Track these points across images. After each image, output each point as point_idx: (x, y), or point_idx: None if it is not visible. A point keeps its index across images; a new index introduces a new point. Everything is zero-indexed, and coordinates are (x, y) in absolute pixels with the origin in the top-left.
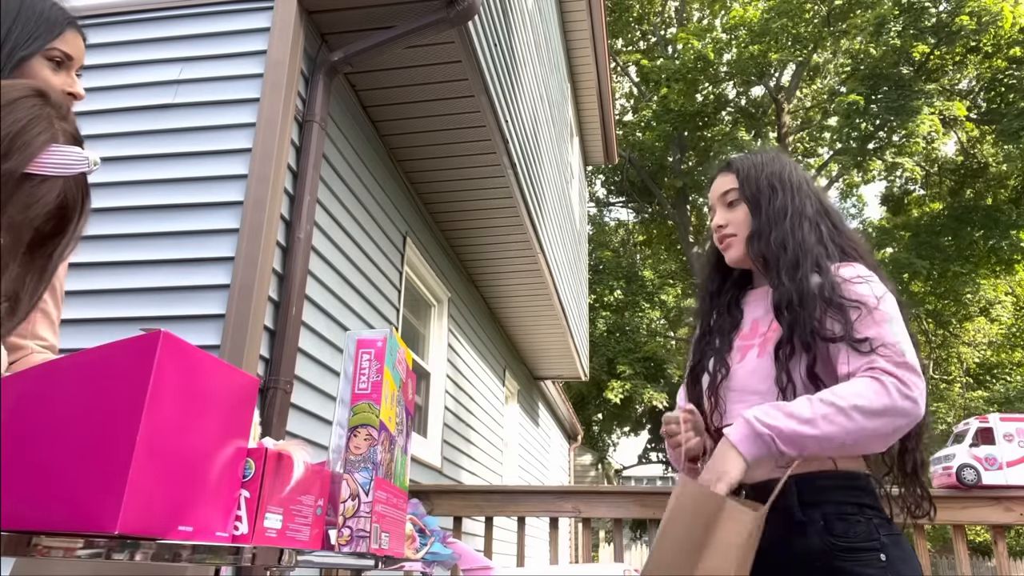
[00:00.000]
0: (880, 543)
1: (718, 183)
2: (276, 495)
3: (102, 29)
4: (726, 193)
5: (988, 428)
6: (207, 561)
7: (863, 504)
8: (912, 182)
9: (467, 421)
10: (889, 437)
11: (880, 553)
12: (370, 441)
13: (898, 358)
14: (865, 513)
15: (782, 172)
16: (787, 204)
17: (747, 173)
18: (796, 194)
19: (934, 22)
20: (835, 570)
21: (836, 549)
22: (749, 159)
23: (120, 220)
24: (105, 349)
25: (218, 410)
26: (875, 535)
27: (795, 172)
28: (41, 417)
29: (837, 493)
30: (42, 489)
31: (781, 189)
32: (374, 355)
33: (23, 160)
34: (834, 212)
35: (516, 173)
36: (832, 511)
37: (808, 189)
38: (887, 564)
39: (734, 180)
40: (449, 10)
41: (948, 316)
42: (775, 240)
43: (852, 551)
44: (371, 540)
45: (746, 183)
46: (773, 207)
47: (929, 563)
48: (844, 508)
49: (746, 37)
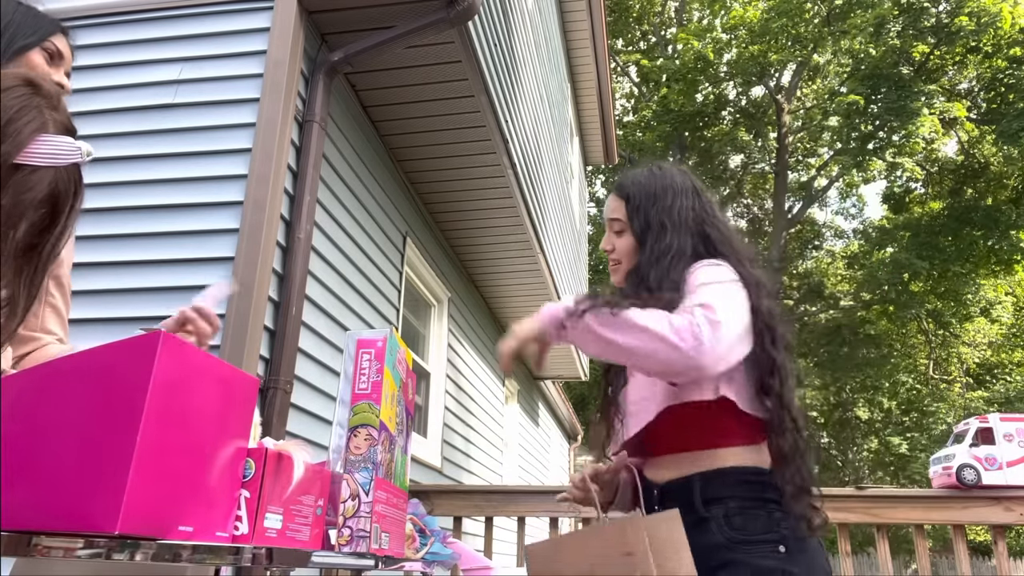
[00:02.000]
0: (780, 535)
1: (609, 206)
2: (276, 495)
3: (102, 29)
4: (614, 219)
5: (988, 428)
6: (207, 561)
7: (765, 499)
8: (913, 181)
9: (467, 421)
10: (661, 362)
11: (779, 545)
12: (370, 441)
13: (709, 312)
14: (767, 507)
15: (671, 207)
16: (672, 244)
17: (637, 203)
18: (681, 232)
19: (933, 22)
20: (734, 562)
21: (734, 542)
22: (642, 186)
23: (120, 220)
24: (105, 349)
25: (218, 410)
26: (775, 528)
27: (682, 202)
28: (41, 417)
29: (740, 488)
30: (42, 489)
31: (670, 229)
32: (374, 355)
33: (12, 149)
34: (715, 237)
35: (516, 173)
36: (734, 506)
37: (690, 224)
38: (786, 555)
39: (623, 209)
40: (449, 10)
41: (948, 316)
42: (653, 280)
43: (750, 543)
44: (371, 540)
45: (635, 216)
46: (660, 246)
47: (929, 563)
48: (745, 503)
49: (746, 37)
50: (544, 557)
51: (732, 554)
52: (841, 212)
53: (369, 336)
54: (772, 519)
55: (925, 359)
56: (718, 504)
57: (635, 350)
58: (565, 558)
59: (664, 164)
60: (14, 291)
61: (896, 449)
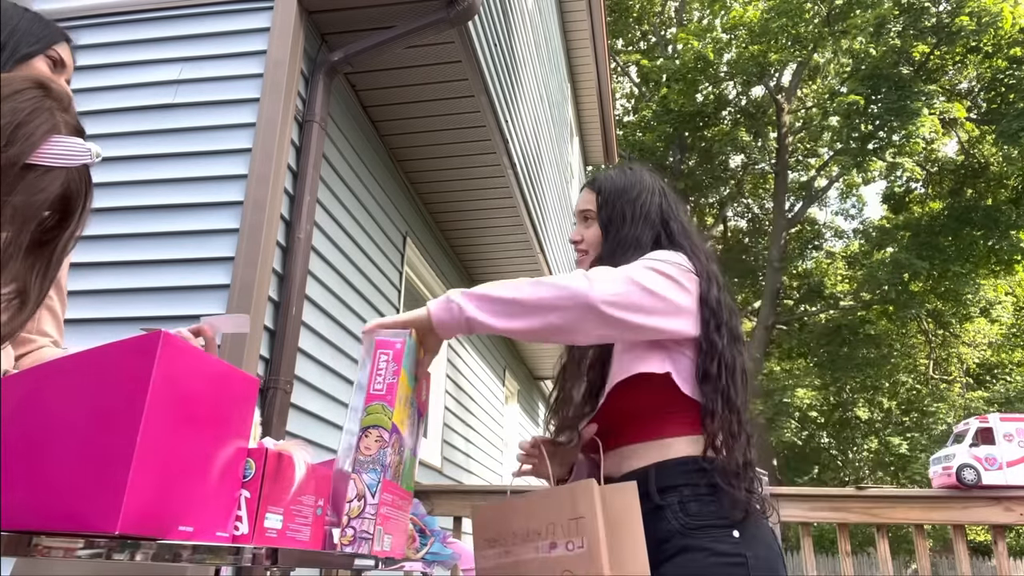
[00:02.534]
0: (732, 520)
1: (581, 198)
2: (276, 495)
3: (102, 29)
4: (585, 211)
5: (988, 428)
6: (207, 561)
7: (717, 484)
8: (913, 181)
9: (467, 421)
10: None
11: (733, 530)
12: (380, 443)
13: (609, 272)
14: (719, 494)
15: (636, 201)
16: (630, 235)
17: (607, 196)
18: (640, 224)
19: (934, 22)
20: (688, 548)
21: (689, 528)
22: (612, 181)
23: (120, 220)
24: (105, 349)
25: (218, 410)
26: (727, 514)
27: (647, 198)
28: (41, 417)
29: (693, 476)
30: (42, 489)
31: (631, 219)
32: (392, 356)
33: (25, 150)
34: (676, 231)
35: (516, 173)
36: (689, 493)
37: (653, 216)
38: (740, 540)
39: (594, 200)
40: (449, 10)
41: (948, 316)
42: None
43: (705, 528)
44: (373, 542)
45: (604, 206)
46: (620, 235)
47: (929, 563)
48: (699, 490)
49: (746, 37)
50: (490, 518)
51: (687, 540)
52: (841, 212)
53: (388, 337)
54: (724, 505)
55: (925, 359)
56: (672, 492)
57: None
58: (512, 520)
59: (636, 165)
60: (27, 285)
61: (896, 449)
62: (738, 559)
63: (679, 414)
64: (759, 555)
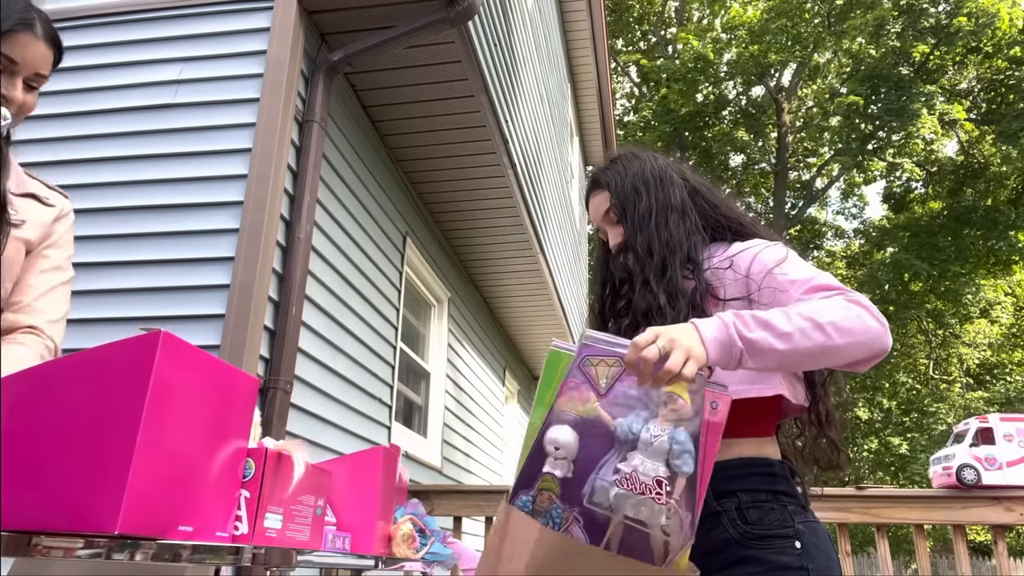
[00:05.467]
0: (795, 530)
1: (596, 203)
2: (276, 495)
3: (102, 29)
4: (608, 212)
5: (988, 428)
6: (207, 561)
7: (778, 491)
8: (913, 181)
9: (467, 421)
10: (855, 357)
11: (795, 540)
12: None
13: (850, 292)
14: (780, 500)
15: (643, 170)
16: (651, 203)
17: (616, 184)
18: (659, 188)
19: (933, 23)
20: (749, 559)
21: (749, 537)
22: (612, 169)
23: (121, 220)
24: (105, 349)
25: (218, 410)
26: (790, 522)
27: (653, 163)
28: (41, 417)
29: (751, 480)
30: (42, 489)
31: (644, 189)
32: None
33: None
34: (705, 189)
35: (516, 173)
36: (747, 499)
37: (671, 175)
38: (802, 551)
39: (607, 197)
40: (449, 10)
41: (948, 317)
42: (641, 246)
43: (766, 538)
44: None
45: (616, 195)
46: (638, 212)
47: (929, 563)
48: (758, 496)
49: (746, 37)
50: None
51: (746, 550)
52: (842, 212)
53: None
54: (786, 512)
55: (925, 359)
56: (729, 497)
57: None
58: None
59: (620, 148)
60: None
61: (896, 449)
62: (800, 573)
63: (757, 417)
64: (820, 567)
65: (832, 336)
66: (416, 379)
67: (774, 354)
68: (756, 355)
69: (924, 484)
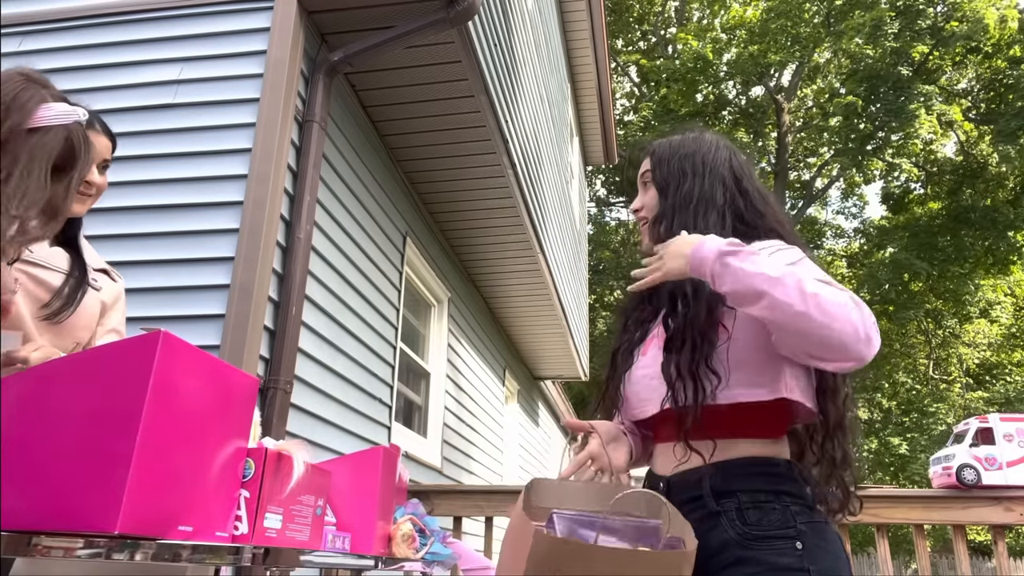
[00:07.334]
0: (796, 530)
1: (641, 167)
2: (276, 495)
3: (102, 29)
4: (643, 175)
5: (988, 428)
6: (207, 561)
7: (780, 491)
8: (912, 181)
9: (467, 421)
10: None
11: (796, 541)
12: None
13: (856, 297)
14: (782, 500)
15: (695, 155)
16: (694, 190)
17: (661, 156)
18: (707, 179)
19: (930, 24)
20: (747, 559)
21: (748, 538)
22: (667, 142)
23: (121, 220)
24: (105, 349)
25: (218, 410)
26: (791, 523)
27: (712, 153)
28: (41, 417)
29: (753, 480)
30: (42, 489)
31: (692, 174)
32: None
33: (23, 118)
34: (758, 196)
35: (516, 173)
36: (747, 499)
37: (722, 171)
38: (803, 552)
39: (649, 163)
40: (449, 10)
41: (948, 317)
42: (677, 226)
43: (765, 539)
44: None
45: (659, 167)
46: (680, 192)
47: (929, 563)
48: (759, 496)
49: (745, 37)
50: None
51: (745, 551)
52: (842, 212)
53: None
54: (788, 513)
55: (925, 359)
56: (729, 497)
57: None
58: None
59: (696, 128)
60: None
61: (896, 449)
62: (800, 574)
63: (764, 419)
64: (823, 567)
65: (809, 306)
66: (416, 379)
67: (754, 294)
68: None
69: (924, 484)
